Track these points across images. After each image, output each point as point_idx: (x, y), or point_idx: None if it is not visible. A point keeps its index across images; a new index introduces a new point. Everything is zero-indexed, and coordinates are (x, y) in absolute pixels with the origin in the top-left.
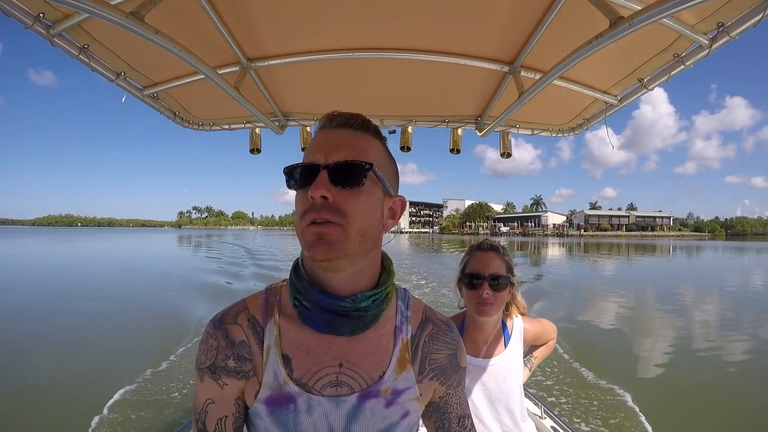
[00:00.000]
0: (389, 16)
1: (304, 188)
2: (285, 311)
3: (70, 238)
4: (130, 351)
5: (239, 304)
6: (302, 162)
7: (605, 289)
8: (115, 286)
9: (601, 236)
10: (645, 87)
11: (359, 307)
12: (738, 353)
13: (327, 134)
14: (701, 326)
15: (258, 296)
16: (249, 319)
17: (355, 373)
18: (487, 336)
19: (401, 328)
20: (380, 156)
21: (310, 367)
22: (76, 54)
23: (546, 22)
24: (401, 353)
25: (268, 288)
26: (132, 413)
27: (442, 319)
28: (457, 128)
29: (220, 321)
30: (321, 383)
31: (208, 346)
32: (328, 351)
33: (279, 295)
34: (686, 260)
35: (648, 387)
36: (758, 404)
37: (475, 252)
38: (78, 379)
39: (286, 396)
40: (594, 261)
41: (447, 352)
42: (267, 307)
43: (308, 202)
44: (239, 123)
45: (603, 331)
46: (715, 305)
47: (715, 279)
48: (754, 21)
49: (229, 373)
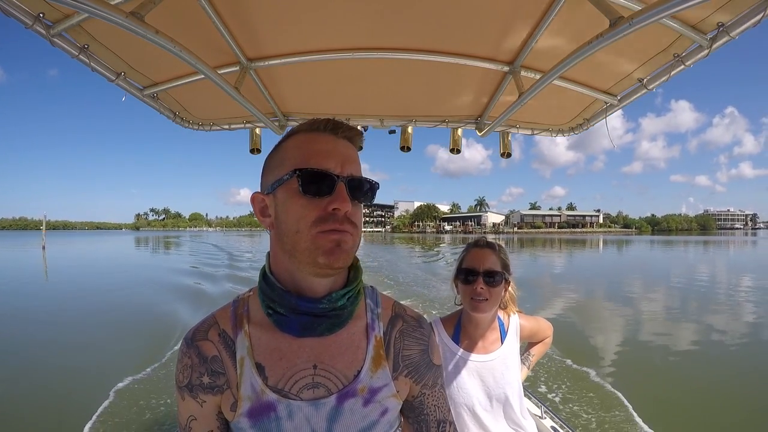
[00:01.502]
0: (389, 16)
1: (320, 196)
2: (254, 320)
3: (30, 241)
4: (117, 354)
5: (209, 319)
6: (315, 167)
7: (535, 278)
8: (96, 290)
9: (534, 233)
10: (645, 87)
11: (336, 306)
12: (697, 340)
13: (335, 143)
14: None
15: (226, 309)
16: (219, 334)
17: (330, 373)
18: (484, 332)
19: (373, 325)
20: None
21: (285, 372)
22: (76, 54)
23: (546, 22)
24: (375, 350)
25: (236, 300)
26: (125, 415)
27: (412, 315)
28: (457, 128)
29: (192, 339)
30: (297, 387)
31: (183, 365)
32: (301, 354)
33: (247, 305)
34: (610, 252)
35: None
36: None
37: (471, 249)
38: (67, 382)
39: (266, 405)
40: (517, 252)
41: (418, 348)
42: (236, 318)
43: (323, 210)
44: (239, 123)
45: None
46: (651, 293)
47: (638, 266)
48: (754, 21)
49: (204, 389)
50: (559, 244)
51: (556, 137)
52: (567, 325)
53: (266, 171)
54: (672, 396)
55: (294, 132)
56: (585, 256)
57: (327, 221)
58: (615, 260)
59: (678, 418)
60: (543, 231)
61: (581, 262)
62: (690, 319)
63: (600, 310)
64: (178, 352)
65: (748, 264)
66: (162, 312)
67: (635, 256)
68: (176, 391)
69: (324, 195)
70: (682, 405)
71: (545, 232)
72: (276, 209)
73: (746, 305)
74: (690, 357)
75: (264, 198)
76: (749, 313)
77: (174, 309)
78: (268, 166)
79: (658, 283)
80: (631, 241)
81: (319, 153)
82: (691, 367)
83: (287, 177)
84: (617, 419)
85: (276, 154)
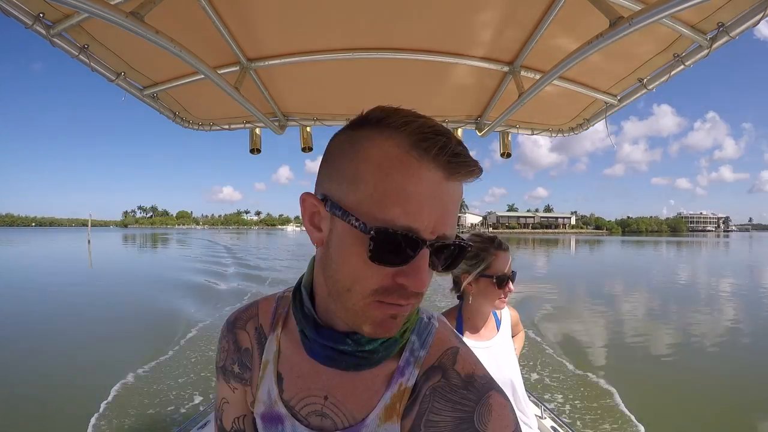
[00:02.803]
0: (389, 16)
1: (392, 265)
2: (288, 326)
3: (25, 239)
4: (119, 350)
5: (252, 307)
6: (399, 229)
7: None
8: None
9: (509, 233)
10: (645, 87)
11: (364, 349)
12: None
13: (442, 189)
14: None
15: (269, 302)
16: (256, 328)
17: (338, 409)
18: (486, 320)
19: (404, 370)
20: None
21: (298, 392)
22: (76, 54)
23: (546, 22)
24: (393, 401)
25: (280, 297)
26: (129, 412)
27: (465, 370)
28: (457, 128)
29: (233, 324)
30: (306, 410)
31: (221, 346)
32: (317, 381)
33: (287, 307)
34: (574, 250)
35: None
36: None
37: (498, 252)
38: (71, 379)
39: (276, 415)
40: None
41: (452, 416)
42: (275, 318)
43: (391, 280)
44: (239, 123)
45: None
46: (630, 294)
47: (601, 267)
48: (754, 21)
49: (235, 377)
50: (532, 243)
51: (556, 137)
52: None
53: (330, 170)
54: (669, 394)
55: (386, 134)
56: (552, 254)
57: (391, 294)
58: (572, 256)
59: (671, 414)
60: (517, 231)
61: (542, 258)
62: (667, 317)
63: (574, 306)
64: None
65: (684, 262)
66: (168, 307)
67: (594, 253)
68: (216, 369)
69: (398, 264)
70: (675, 401)
71: (519, 233)
72: (330, 237)
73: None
74: (687, 355)
75: (318, 206)
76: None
77: (181, 304)
78: (333, 166)
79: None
80: (598, 241)
81: (414, 202)
82: (685, 363)
83: (356, 224)
84: (617, 419)
85: (351, 156)
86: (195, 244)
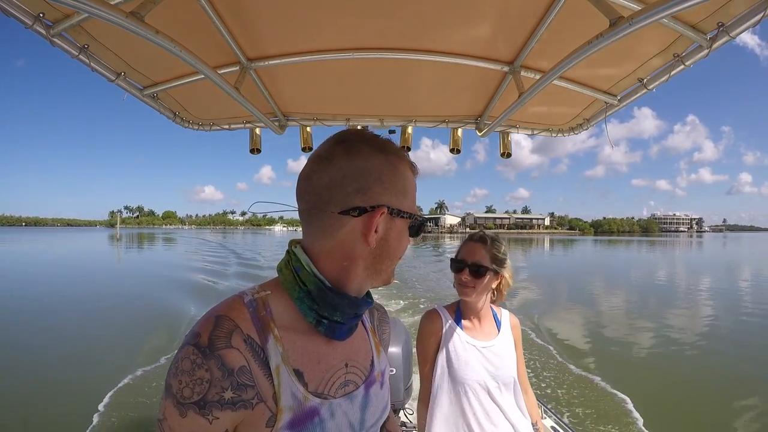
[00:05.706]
0: (389, 16)
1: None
2: (282, 324)
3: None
4: (119, 350)
5: (225, 322)
6: (420, 217)
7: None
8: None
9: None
10: (645, 87)
11: (371, 304)
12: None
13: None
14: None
15: (240, 310)
16: (245, 340)
17: (356, 368)
18: (482, 319)
19: (365, 318)
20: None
21: (324, 375)
22: (76, 54)
23: (546, 22)
24: (374, 339)
25: (250, 302)
26: (130, 412)
27: (377, 305)
28: (457, 128)
29: (211, 347)
30: (334, 387)
31: (195, 378)
32: (336, 355)
33: (268, 306)
34: (551, 250)
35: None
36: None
37: (466, 242)
38: (71, 379)
39: (309, 411)
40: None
41: (387, 331)
42: (259, 322)
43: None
44: (239, 123)
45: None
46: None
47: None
48: (754, 21)
49: (224, 405)
50: (507, 243)
51: (556, 137)
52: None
53: (381, 189)
54: (669, 393)
55: (405, 160)
56: (528, 252)
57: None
58: (537, 253)
59: (670, 414)
60: (493, 231)
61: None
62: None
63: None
64: (178, 361)
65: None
66: (169, 307)
67: (567, 253)
68: (172, 405)
69: (415, 236)
70: (677, 399)
71: (494, 233)
72: (387, 232)
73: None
74: (686, 353)
75: (385, 214)
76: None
77: (181, 303)
78: (384, 185)
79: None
80: (571, 241)
81: (413, 198)
82: (684, 360)
83: (409, 219)
84: (616, 418)
85: (398, 177)
86: (193, 243)
